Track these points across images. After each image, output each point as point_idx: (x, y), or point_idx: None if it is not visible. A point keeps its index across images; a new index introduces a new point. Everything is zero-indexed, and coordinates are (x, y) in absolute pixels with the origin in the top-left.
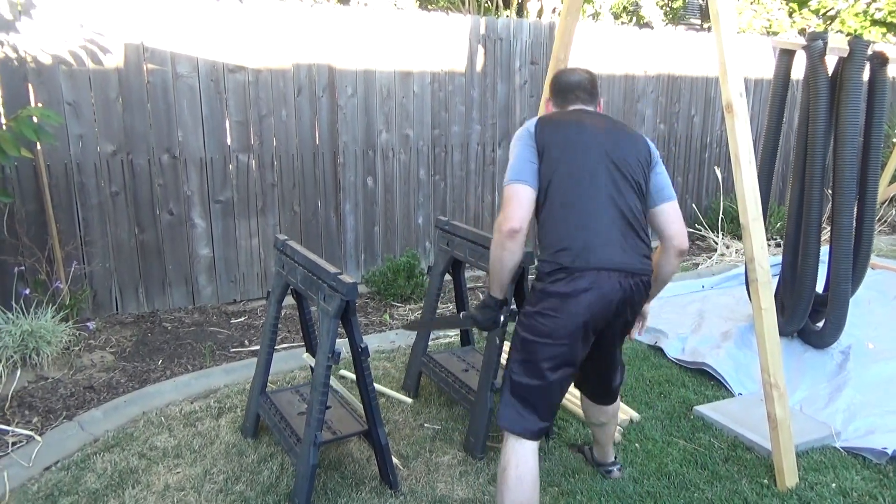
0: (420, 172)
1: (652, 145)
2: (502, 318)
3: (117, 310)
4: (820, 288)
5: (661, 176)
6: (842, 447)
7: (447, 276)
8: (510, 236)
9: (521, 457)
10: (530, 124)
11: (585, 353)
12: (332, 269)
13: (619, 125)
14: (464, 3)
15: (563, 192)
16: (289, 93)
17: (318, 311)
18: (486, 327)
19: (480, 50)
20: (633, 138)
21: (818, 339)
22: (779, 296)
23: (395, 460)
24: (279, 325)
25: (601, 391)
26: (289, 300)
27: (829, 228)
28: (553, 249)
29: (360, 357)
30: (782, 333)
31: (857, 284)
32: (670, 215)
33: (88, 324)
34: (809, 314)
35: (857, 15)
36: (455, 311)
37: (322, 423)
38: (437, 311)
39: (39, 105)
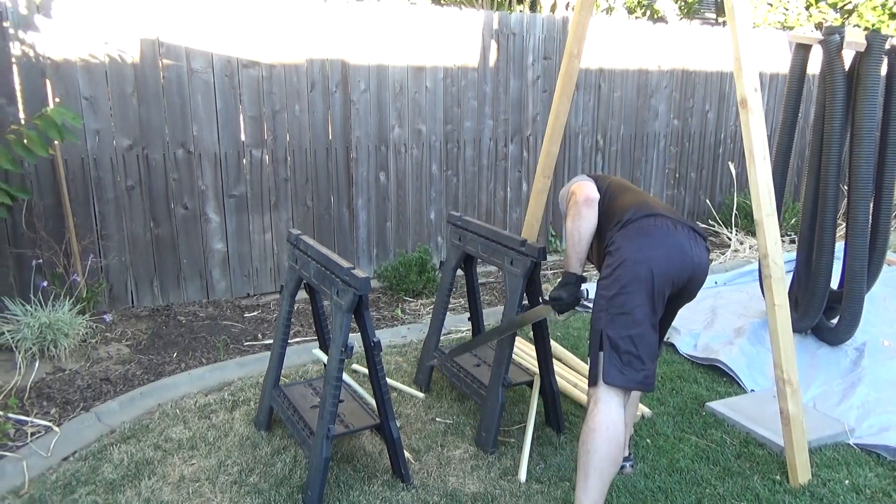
0: (432, 168)
1: None
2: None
3: (133, 303)
4: (835, 284)
5: None
6: (855, 444)
7: (459, 272)
8: (587, 203)
9: (613, 418)
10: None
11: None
12: (345, 263)
13: None
14: None
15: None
16: (302, 88)
17: (331, 305)
18: (571, 305)
19: (493, 45)
20: None
21: (832, 336)
22: (793, 292)
23: (406, 454)
24: (292, 320)
25: None
26: (302, 294)
27: (843, 224)
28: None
29: (372, 351)
30: (796, 330)
31: (872, 281)
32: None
33: (105, 316)
34: (824, 311)
35: (874, 8)
36: (468, 305)
37: (335, 416)
38: (449, 307)
39: (57, 100)
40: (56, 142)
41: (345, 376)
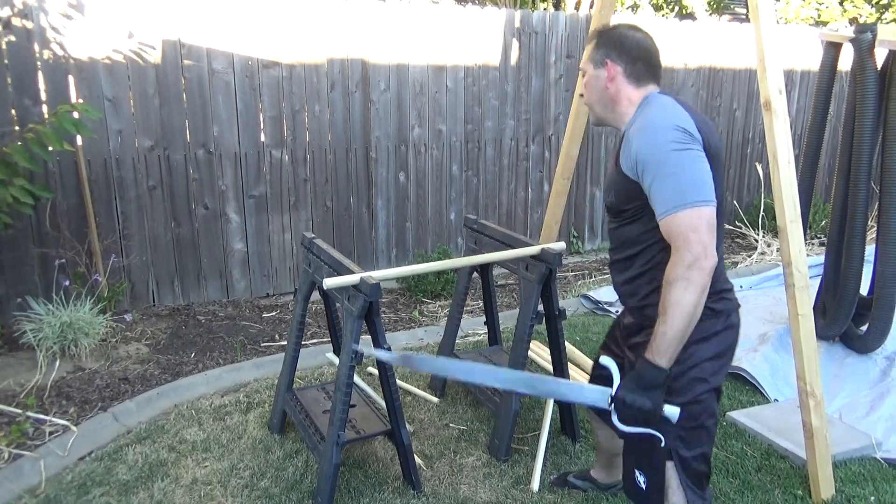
0: (453, 168)
1: None
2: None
3: (154, 302)
4: (864, 290)
5: None
6: (882, 458)
7: (475, 275)
8: (712, 272)
9: None
10: (683, 120)
11: None
12: (356, 268)
13: None
14: None
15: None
16: (322, 88)
17: (342, 310)
18: (650, 420)
19: (515, 44)
20: None
21: (861, 344)
22: (821, 297)
23: (418, 460)
24: (310, 320)
25: None
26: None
27: (874, 227)
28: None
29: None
30: (823, 337)
31: None
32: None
33: (126, 315)
34: (853, 318)
35: None
36: (483, 309)
37: (345, 422)
38: (467, 309)
39: (80, 101)
40: (79, 142)
41: (359, 380)
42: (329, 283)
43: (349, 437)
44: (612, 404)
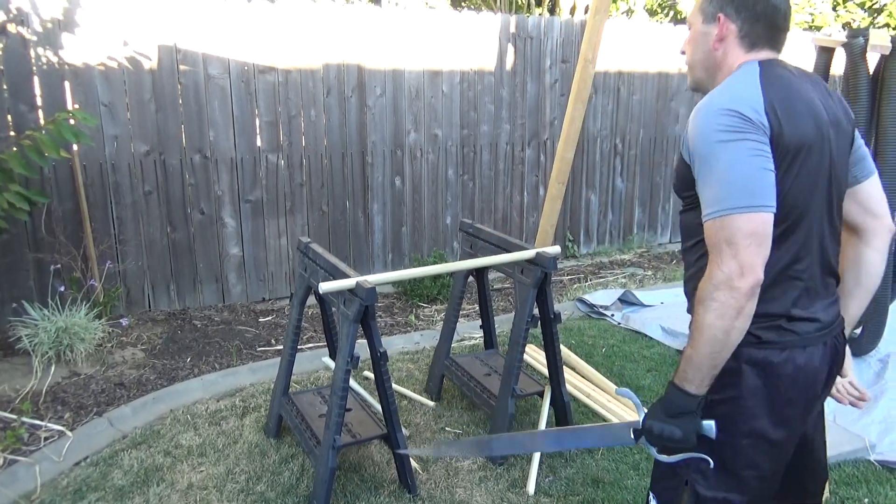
0: (448, 172)
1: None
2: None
3: (149, 307)
4: None
5: (861, 144)
6: (876, 461)
7: (471, 279)
8: (752, 295)
9: None
10: (744, 101)
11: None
12: (351, 272)
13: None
14: (496, 2)
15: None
16: (318, 93)
17: (338, 314)
18: (684, 447)
19: (510, 49)
20: (843, 108)
21: (855, 347)
22: None
23: (414, 464)
24: (305, 325)
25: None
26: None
27: None
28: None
29: (378, 362)
30: None
31: None
32: (875, 189)
33: (122, 320)
34: None
35: None
36: (479, 313)
37: (341, 426)
38: (461, 312)
39: (76, 106)
40: (74, 147)
41: (355, 384)
42: (325, 287)
43: (345, 440)
44: (641, 437)
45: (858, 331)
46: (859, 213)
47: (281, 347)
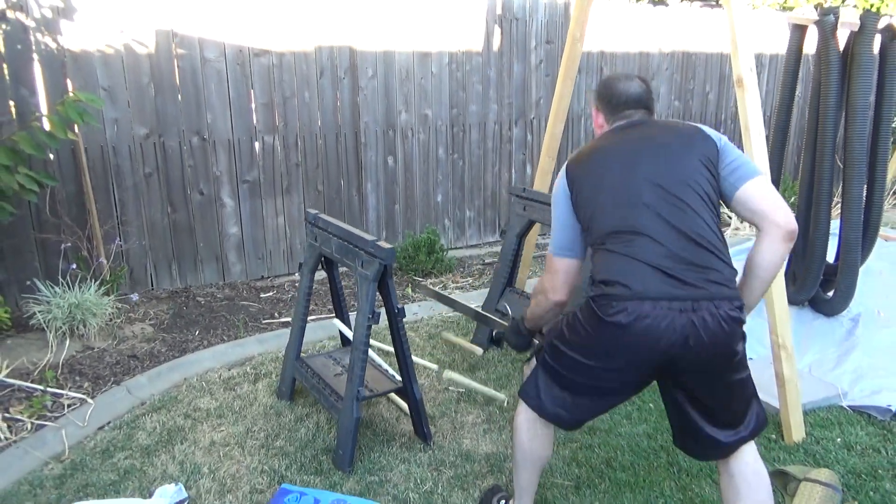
0: (439, 151)
1: (712, 133)
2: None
3: (152, 286)
4: (831, 258)
5: (734, 159)
6: (848, 406)
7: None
8: (556, 307)
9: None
10: (563, 176)
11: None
12: (368, 236)
13: (668, 135)
14: None
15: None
16: (311, 75)
17: (357, 276)
18: (519, 349)
19: (497, 30)
20: (687, 148)
21: (828, 307)
22: (791, 265)
23: None
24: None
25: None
26: (317, 275)
27: (839, 202)
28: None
29: (395, 318)
30: (794, 302)
31: (866, 254)
32: (756, 190)
33: (132, 296)
34: (820, 283)
35: None
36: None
37: (363, 379)
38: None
39: (76, 90)
40: (77, 129)
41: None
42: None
43: (366, 394)
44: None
45: (831, 293)
46: (746, 213)
47: (285, 319)
